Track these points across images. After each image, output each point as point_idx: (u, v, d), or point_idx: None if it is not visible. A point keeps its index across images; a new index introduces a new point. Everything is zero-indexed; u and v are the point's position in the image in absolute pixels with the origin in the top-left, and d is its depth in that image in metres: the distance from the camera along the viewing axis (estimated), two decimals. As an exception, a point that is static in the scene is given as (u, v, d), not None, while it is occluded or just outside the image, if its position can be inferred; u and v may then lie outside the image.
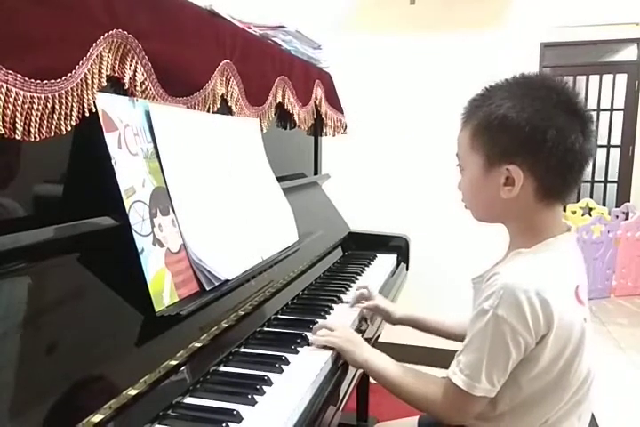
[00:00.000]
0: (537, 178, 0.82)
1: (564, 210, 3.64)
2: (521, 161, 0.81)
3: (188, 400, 0.79)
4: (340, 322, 1.12)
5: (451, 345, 1.20)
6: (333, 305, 1.26)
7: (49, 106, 0.67)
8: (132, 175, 0.82)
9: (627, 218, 3.81)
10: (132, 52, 0.84)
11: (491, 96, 0.85)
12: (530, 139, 0.80)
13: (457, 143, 0.91)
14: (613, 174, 4.67)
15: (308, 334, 1.05)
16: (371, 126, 2.58)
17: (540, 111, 0.80)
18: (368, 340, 1.19)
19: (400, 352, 0.97)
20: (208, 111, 1.10)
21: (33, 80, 0.64)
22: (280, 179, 1.40)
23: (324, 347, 0.99)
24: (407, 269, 1.83)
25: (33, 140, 0.65)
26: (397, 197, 2.61)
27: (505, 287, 0.78)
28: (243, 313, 1.02)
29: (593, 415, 0.95)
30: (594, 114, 0.87)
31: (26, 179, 0.73)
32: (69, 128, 0.71)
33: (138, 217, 0.81)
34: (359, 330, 1.17)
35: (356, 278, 1.52)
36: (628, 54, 4.52)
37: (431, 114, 2.56)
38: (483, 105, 0.85)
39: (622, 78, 4.47)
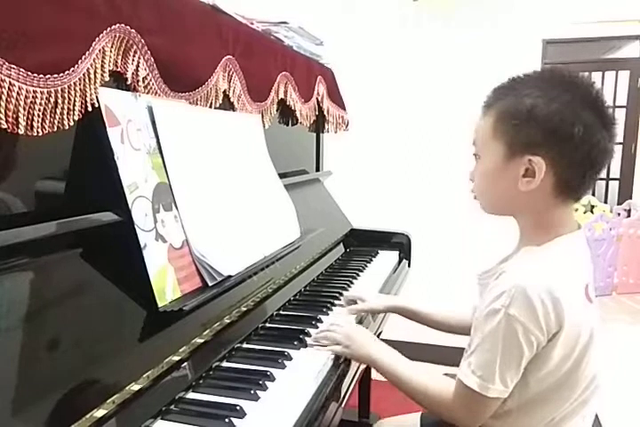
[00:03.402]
0: (557, 172, 0.81)
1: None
2: (545, 153, 0.80)
3: (191, 396, 0.80)
4: (342, 319, 1.12)
5: (450, 342, 1.20)
6: (335, 302, 1.26)
7: (52, 100, 0.67)
8: (134, 171, 0.82)
9: (629, 215, 3.80)
10: (135, 47, 0.84)
11: (517, 87, 0.84)
12: (557, 131, 0.79)
13: (475, 130, 0.89)
14: (615, 172, 4.64)
15: (311, 330, 1.05)
16: (372, 123, 2.58)
17: (569, 104, 0.79)
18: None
19: (401, 349, 0.96)
20: (210, 107, 1.10)
21: (36, 75, 0.64)
22: (282, 175, 1.40)
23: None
24: (409, 266, 1.83)
25: (36, 134, 0.65)
26: (399, 193, 2.61)
27: (516, 286, 0.77)
28: (245, 309, 1.02)
29: (596, 414, 0.95)
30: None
31: (28, 174, 0.73)
32: (72, 123, 0.71)
33: (140, 213, 0.81)
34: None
35: (358, 275, 1.52)
36: (630, 51, 4.50)
37: (433, 110, 2.56)
38: (509, 93, 0.84)
39: (625, 75, 4.45)
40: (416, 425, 1.08)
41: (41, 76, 0.65)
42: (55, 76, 0.67)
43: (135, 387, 0.70)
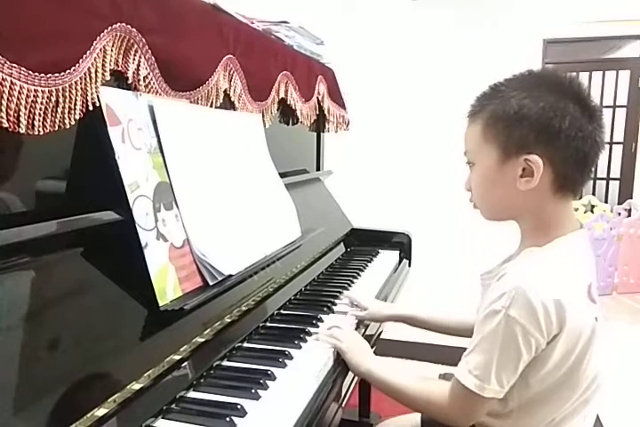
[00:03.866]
0: (555, 168, 0.81)
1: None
2: (540, 151, 0.80)
3: (192, 395, 0.80)
4: (347, 325, 1.13)
5: (450, 342, 1.20)
6: (336, 301, 1.26)
7: (53, 99, 0.67)
8: (135, 170, 0.82)
9: (629, 215, 3.80)
10: (136, 46, 0.84)
11: (500, 90, 0.84)
12: (549, 127, 0.79)
13: (465, 140, 0.89)
14: (616, 171, 4.65)
15: (312, 330, 1.05)
16: (373, 123, 2.58)
17: (556, 101, 0.80)
18: (370, 336, 1.19)
19: (401, 349, 0.96)
20: (211, 106, 1.10)
21: (37, 74, 0.64)
22: (282, 175, 1.40)
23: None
24: (409, 266, 1.83)
25: (37, 133, 0.65)
26: (400, 193, 2.61)
27: (517, 288, 0.77)
28: (246, 308, 1.02)
29: (597, 414, 0.95)
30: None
31: (29, 173, 0.73)
32: (73, 122, 0.71)
33: (141, 212, 0.81)
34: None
35: (359, 275, 1.52)
36: (630, 51, 4.50)
37: (433, 110, 2.56)
38: (493, 98, 0.84)
39: (625, 75, 4.45)
40: (417, 425, 1.08)
41: (42, 75, 0.65)
42: (56, 75, 0.67)
43: (136, 386, 0.70)
